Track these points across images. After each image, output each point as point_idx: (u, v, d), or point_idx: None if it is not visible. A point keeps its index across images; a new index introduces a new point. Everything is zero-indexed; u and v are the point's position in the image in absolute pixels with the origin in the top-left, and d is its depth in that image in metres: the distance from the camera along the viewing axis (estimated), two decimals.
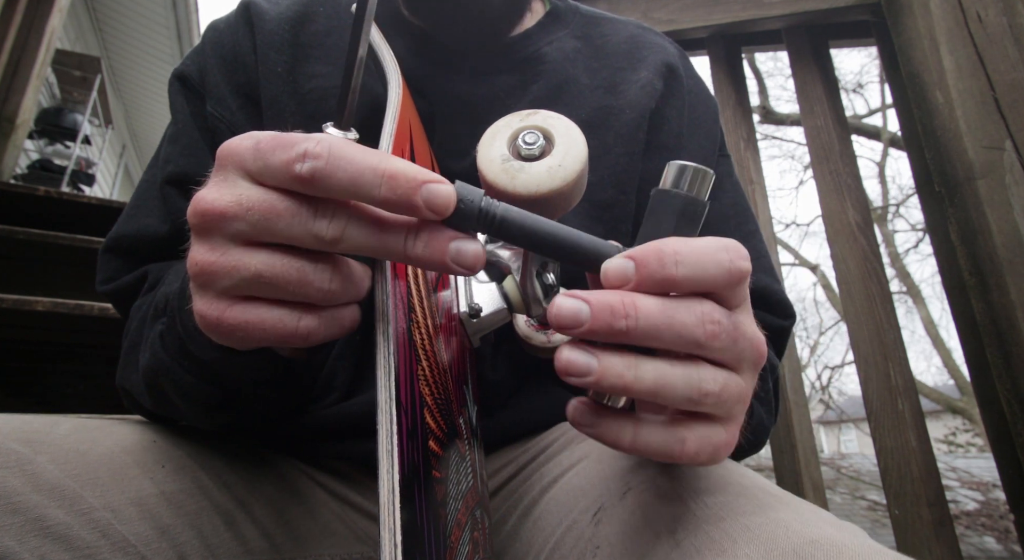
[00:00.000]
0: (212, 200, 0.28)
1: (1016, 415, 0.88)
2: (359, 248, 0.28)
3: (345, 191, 0.27)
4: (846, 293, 1.11)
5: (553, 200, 0.34)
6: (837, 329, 11.89)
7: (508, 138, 0.36)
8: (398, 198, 0.26)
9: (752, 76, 9.01)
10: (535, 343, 0.49)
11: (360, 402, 0.52)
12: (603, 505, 0.40)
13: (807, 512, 0.34)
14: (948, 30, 1.05)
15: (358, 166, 0.26)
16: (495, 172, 0.34)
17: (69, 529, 0.36)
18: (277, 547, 0.47)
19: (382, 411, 0.24)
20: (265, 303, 0.29)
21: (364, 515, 0.53)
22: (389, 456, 0.23)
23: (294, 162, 0.26)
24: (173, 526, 0.41)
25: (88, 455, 0.41)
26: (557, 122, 0.36)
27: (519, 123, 0.36)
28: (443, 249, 0.28)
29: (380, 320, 0.26)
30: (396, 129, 0.36)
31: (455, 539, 0.31)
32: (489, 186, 0.34)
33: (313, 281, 0.28)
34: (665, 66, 0.65)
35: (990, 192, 0.95)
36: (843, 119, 1.23)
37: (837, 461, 8.08)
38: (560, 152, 0.34)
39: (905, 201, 10.34)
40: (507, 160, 0.35)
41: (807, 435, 1.10)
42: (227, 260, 0.28)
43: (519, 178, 0.34)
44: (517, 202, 0.33)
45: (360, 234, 0.27)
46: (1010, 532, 5.27)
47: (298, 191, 0.27)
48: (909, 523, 0.96)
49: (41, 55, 2.39)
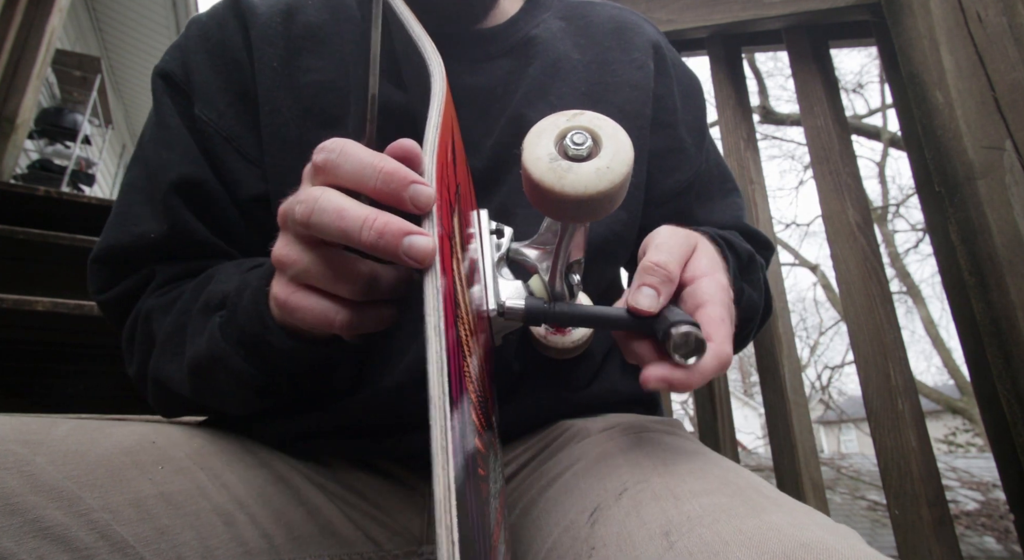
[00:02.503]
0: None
1: (1016, 415, 0.88)
2: (324, 231, 0.33)
3: (349, 179, 0.33)
4: (846, 293, 1.11)
5: (599, 202, 0.34)
6: (837, 329, 11.89)
7: (555, 137, 0.36)
8: (390, 191, 0.32)
9: (752, 76, 9.01)
10: (549, 343, 0.49)
11: (358, 401, 0.52)
12: (599, 505, 0.40)
13: (801, 515, 0.34)
14: (948, 30, 1.05)
15: (363, 161, 0.33)
16: (542, 171, 0.34)
17: (67, 530, 0.35)
18: (276, 548, 0.47)
19: (435, 406, 0.24)
20: (319, 294, 0.37)
21: (363, 515, 0.53)
22: (444, 452, 0.23)
23: (316, 152, 0.34)
24: (172, 527, 0.41)
25: (87, 456, 0.40)
26: (604, 123, 0.36)
27: (566, 123, 0.36)
28: (396, 243, 0.31)
29: (430, 314, 0.26)
30: (442, 121, 0.36)
31: (496, 538, 0.32)
32: (535, 185, 0.34)
33: (341, 279, 0.36)
34: (651, 45, 0.67)
35: (990, 192, 0.95)
36: (843, 119, 1.23)
37: (837, 461, 8.07)
38: (608, 154, 0.34)
39: (905, 201, 10.35)
40: (554, 159, 0.34)
41: (807, 435, 1.10)
42: (289, 254, 0.36)
43: (567, 178, 0.34)
44: (563, 202, 0.34)
45: (324, 219, 0.33)
46: (1010, 532, 5.26)
47: (317, 180, 0.35)
48: (909, 523, 0.96)
49: (41, 55, 2.39)
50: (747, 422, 14.34)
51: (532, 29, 0.64)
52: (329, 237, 0.33)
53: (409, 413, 0.52)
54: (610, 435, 0.52)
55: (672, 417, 0.64)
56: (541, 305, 0.40)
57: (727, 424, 1.19)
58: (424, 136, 0.34)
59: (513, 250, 0.46)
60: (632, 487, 0.40)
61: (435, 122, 0.35)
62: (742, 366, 14.49)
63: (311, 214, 0.33)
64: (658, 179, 0.65)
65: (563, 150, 0.35)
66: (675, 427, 0.57)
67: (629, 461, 0.45)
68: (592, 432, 0.53)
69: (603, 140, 0.35)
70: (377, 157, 0.33)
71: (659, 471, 0.41)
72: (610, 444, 0.49)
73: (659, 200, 0.65)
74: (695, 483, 0.39)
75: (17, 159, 2.46)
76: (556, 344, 0.49)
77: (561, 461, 0.51)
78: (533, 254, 0.46)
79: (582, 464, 0.48)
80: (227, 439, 0.53)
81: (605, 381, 0.59)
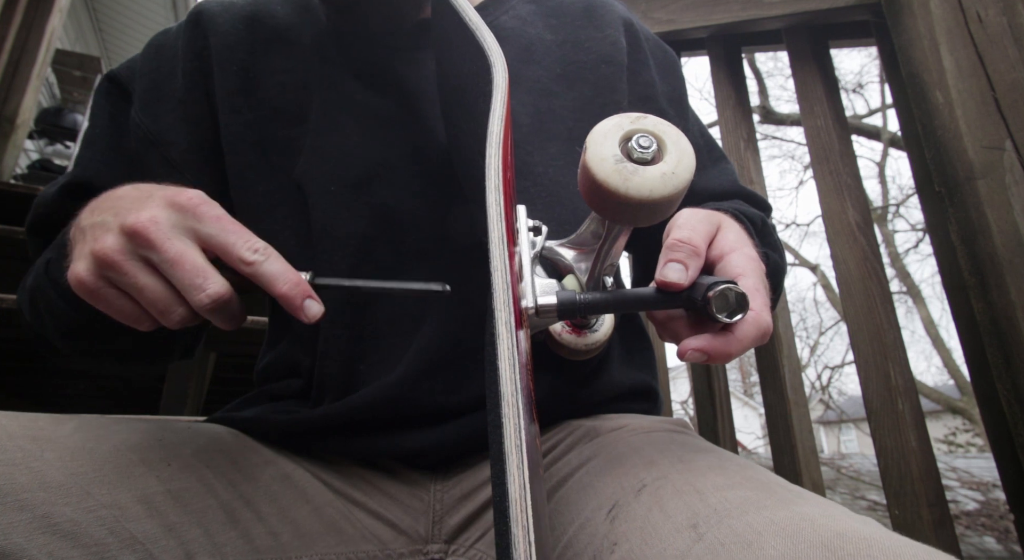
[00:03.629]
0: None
1: (1016, 415, 0.88)
2: (264, 273, 0.38)
3: (259, 281, 0.38)
4: (846, 293, 1.11)
5: (662, 206, 0.35)
6: (837, 329, 11.89)
7: (620, 139, 0.36)
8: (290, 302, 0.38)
9: (752, 76, 9.01)
10: (563, 342, 0.49)
11: (361, 397, 0.52)
12: (617, 502, 0.40)
13: (829, 506, 0.34)
14: (948, 30, 1.05)
15: (276, 270, 0.38)
16: (607, 172, 0.34)
17: (77, 526, 0.36)
18: (283, 545, 0.47)
19: (508, 404, 0.23)
20: (133, 301, 0.38)
21: (368, 513, 0.53)
22: (518, 451, 0.22)
23: (250, 248, 0.38)
24: (180, 524, 0.41)
25: (95, 453, 0.41)
26: (668, 128, 0.36)
27: (630, 125, 0.36)
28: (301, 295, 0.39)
29: (500, 309, 0.26)
30: (505, 112, 0.36)
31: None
32: (598, 185, 0.34)
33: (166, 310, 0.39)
34: (622, 21, 0.68)
35: (990, 192, 0.95)
36: (843, 119, 1.23)
37: (837, 461, 8.07)
38: (673, 159, 0.35)
39: (905, 201, 10.34)
40: (620, 161, 0.35)
41: (807, 435, 1.10)
42: (123, 262, 0.37)
43: (632, 181, 0.34)
44: (627, 205, 0.34)
45: (274, 267, 0.39)
46: (1010, 532, 5.26)
47: None
48: (909, 523, 0.96)
49: (41, 55, 2.39)
50: (747, 422, 14.33)
51: (500, 15, 0.65)
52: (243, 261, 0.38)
53: (411, 410, 0.52)
54: (620, 435, 0.52)
55: (680, 419, 0.64)
56: (573, 297, 0.39)
57: (727, 424, 1.19)
58: (488, 128, 0.34)
59: (547, 249, 0.46)
60: (651, 483, 0.40)
61: (499, 114, 0.35)
62: (742, 366, 14.49)
63: (258, 252, 0.38)
64: None
65: (628, 152, 0.35)
66: (684, 427, 0.57)
67: (644, 459, 0.44)
68: (601, 432, 0.53)
69: (667, 145, 0.35)
70: (282, 268, 0.39)
71: (677, 468, 0.41)
72: (621, 444, 0.49)
73: None
74: (716, 478, 0.38)
75: (17, 159, 2.46)
76: (569, 343, 0.49)
77: (571, 461, 0.51)
78: (569, 254, 0.45)
79: (595, 463, 0.48)
80: (233, 437, 0.53)
81: (604, 375, 0.59)
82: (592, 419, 0.57)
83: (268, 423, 0.54)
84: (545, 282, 0.43)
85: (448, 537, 0.53)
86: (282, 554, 0.46)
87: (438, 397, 0.53)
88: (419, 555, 0.53)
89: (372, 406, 0.52)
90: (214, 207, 0.39)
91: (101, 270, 0.37)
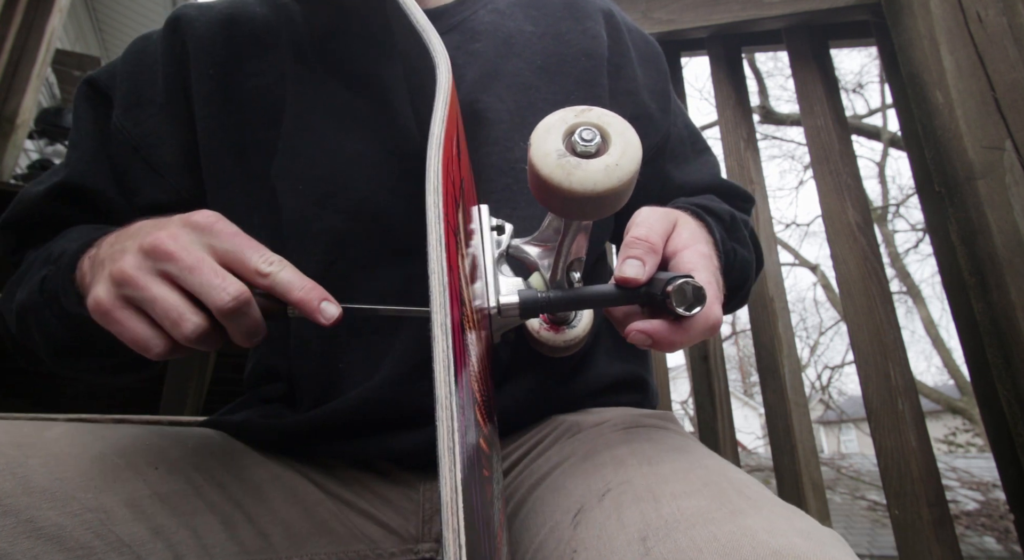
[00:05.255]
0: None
1: (1016, 415, 0.88)
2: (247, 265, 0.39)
3: (276, 290, 0.39)
4: (846, 293, 1.11)
5: (607, 199, 0.34)
6: (837, 329, 11.89)
7: (563, 133, 0.35)
8: (306, 309, 0.39)
9: (752, 76, 9.01)
10: (542, 339, 0.49)
11: (346, 401, 0.52)
12: (583, 506, 0.40)
13: (780, 519, 0.34)
14: (948, 30, 1.05)
15: (292, 278, 0.39)
16: (550, 167, 0.34)
17: (62, 530, 0.36)
18: (273, 546, 0.47)
19: (442, 407, 0.23)
20: (147, 320, 0.38)
21: (359, 513, 0.53)
22: (451, 454, 0.22)
23: (266, 261, 0.39)
24: (168, 526, 0.41)
25: (80, 458, 0.41)
26: (612, 120, 0.35)
27: (574, 118, 0.35)
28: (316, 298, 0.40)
29: (437, 311, 0.26)
30: (448, 114, 0.35)
31: (499, 541, 0.31)
32: (543, 181, 0.34)
33: (179, 322, 0.38)
34: (602, 13, 0.67)
35: (990, 192, 0.95)
36: (843, 119, 1.23)
37: (837, 461, 8.08)
38: (617, 151, 0.34)
39: (905, 201, 10.34)
40: (563, 156, 0.34)
41: (807, 435, 1.10)
42: (138, 277, 0.37)
43: (575, 175, 0.33)
44: (572, 200, 0.34)
45: (284, 275, 0.39)
46: (1010, 532, 5.26)
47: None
48: (909, 523, 0.96)
49: (41, 55, 2.39)
50: (747, 422, 14.33)
51: (479, 10, 0.64)
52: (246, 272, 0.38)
53: (398, 412, 0.52)
54: (600, 431, 0.52)
55: (669, 412, 0.63)
56: (535, 295, 0.40)
57: (727, 424, 1.19)
58: (430, 130, 0.34)
59: (513, 247, 0.46)
60: (615, 488, 0.40)
61: (440, 115, 0.34)
62: (742, 366, 14.49)
63: (274, 264, 0.38)
64: None
65: (571, 146, 0.35)
66: (667, 420, 0.57)
67: (615, 459, 0.45)
68: (584, 427, 0.53)
69: (612, 137, 0.35)
70: (301, 279, 0.39)
71: (643, 471, 0.41)
72: (599, 441, 0.49)
73: None
74: (677, 484, 0.39)
75: (17, 159, 2.46)
76: (549, 341, 0.49)
77: (551, 458, 0.51)
78: (534, 251, 0.45)
79: (570, 462, 0.48)
80: (223, 439, 0.53)
81: (591, 368, 0.59)
82: (577, 414, 0.57)
83: (256, 427, 0.54)
84: (511, 281, 0.43)
85: (439, 536, 0.53)
86: (272, 555, 0.46)
87: (425, 398, 0.53)
88: (410, 554, 0.53)
89: (358, 409, 0.52)
90: (229, 225, 0.39)
91: (118, 288, 0.37)
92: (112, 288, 0.38)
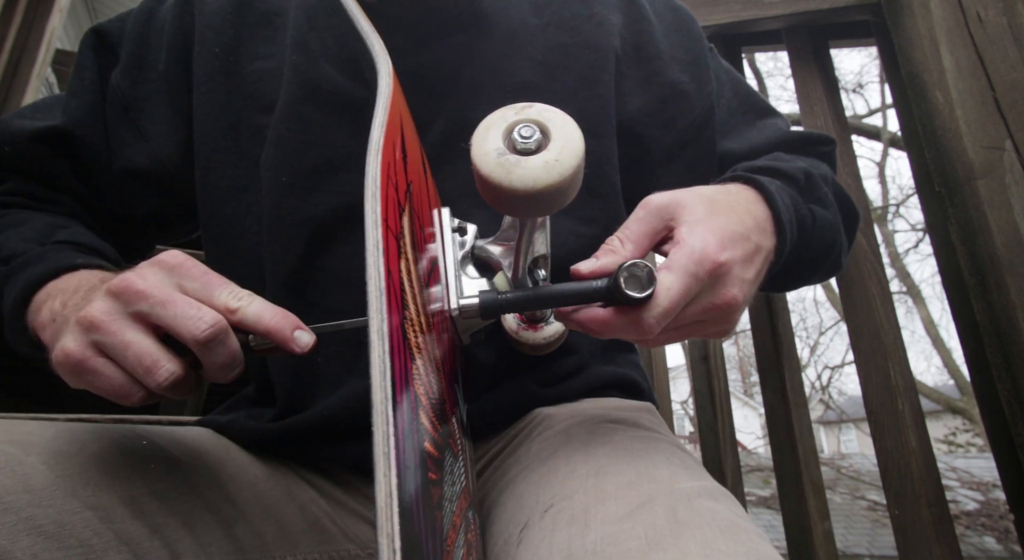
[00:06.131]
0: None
1: (1016, 415, 0.88)
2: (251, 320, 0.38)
3: (246, 323, 0.37)
4: (846, 293, 1.11)
5: (550, 195, 0.34)
6: (837, 329, 11.90)
7: (503, 131, 0.35)
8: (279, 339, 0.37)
9: (752, 76, 9.01)
10: (522, 339, 0.49)
11: (325, 407, 0.52)
12: (528, 521, 0.40)
13: (698, 549, 0.32)
14: (948, 30, 1.05)
15: (262, 310, 0.37)
16: (490, 167, 0.34)
17: (61, 528, 0.36)
18: (267, 545, 0.47)
19: (377, 412, 0.23)
20: (122, 369, 0.36)
21: (351, 513, 0.54)
22: (386, 459, 0.22)
23: (235, 296, 0.38)
24: (165, 524, 0.41)
25: (79, 456, 0.41)
26: (553, 115, 0.35)
27: (514, 116, 0.35)
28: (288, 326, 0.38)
29: (373, 317, 0.26)
30: (388, 119, 0.35)
31: (451, 543, 0.31)
32: (484, 180, 0.34)
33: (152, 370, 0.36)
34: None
35: (990, 192, 0.95)
36: (843, 119, 1.23)
37: (837, 461, 8.07)
38: (557, 146, 0.34)
39: (905, 201, 10.34)
40: (502, 154, 0.34)
41: (807, 435, 1.10)
42: (111, 323, 0.36)
43: (515, 173, 0.33)
44: (514, 198, 0.34)
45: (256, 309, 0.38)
46: (1010, 532, 5.26)
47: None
48: (909, 523, 0.96)
49: (41, 55, 2.39)
50: (747, 422, 14.33)
51: (485, 1, 0.60)
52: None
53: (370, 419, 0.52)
54: (567, 429, 0.50)
55: (649, 403, 0.61)
56: (494, 296, 0.40)
57: (727, 424, 1.19)
58: (369, 135, 0.33)
59: (477, 248, 0.46)
60: (558, 503, 0.40)
61: (380, 120, 0.34)
62: (742, 366, 14.48)
63: (243, 299, 0.37)
64: (658, 137, 0.62)
65: (511, 144, 0.35)
66: (641, 414, 0.55)
67: (568, 467, 0.44)
68: (556, 423, 0.52)
69: (552, 132, 0.34)
70: (272, 310, 0.38)
71: (588, 485, 0.41)
72: (561, 446, 0.48)
73: (666, 157, 0.62)
74: (613, 503, 0.38)
75: None
76: (528, 340, 0.49)
77: (520, 459, 0.50)
78: (497, 251, 0.45)
79: (532, 468, 0.47)
80: (217, 439, 0.53)
81: (580, 371, 0.58)
82: (555, 407, 0.55)
83: (242, 429, 0.54)
84: (475, 282, 0.43)
85: None
86: (267, 553, 0.47)
87: None
88: None
89: (337, 416, 0.51)
90: (197, 264, 0.39)
91: (87, 335, 0.36)
92: (80, 336, 0.36)
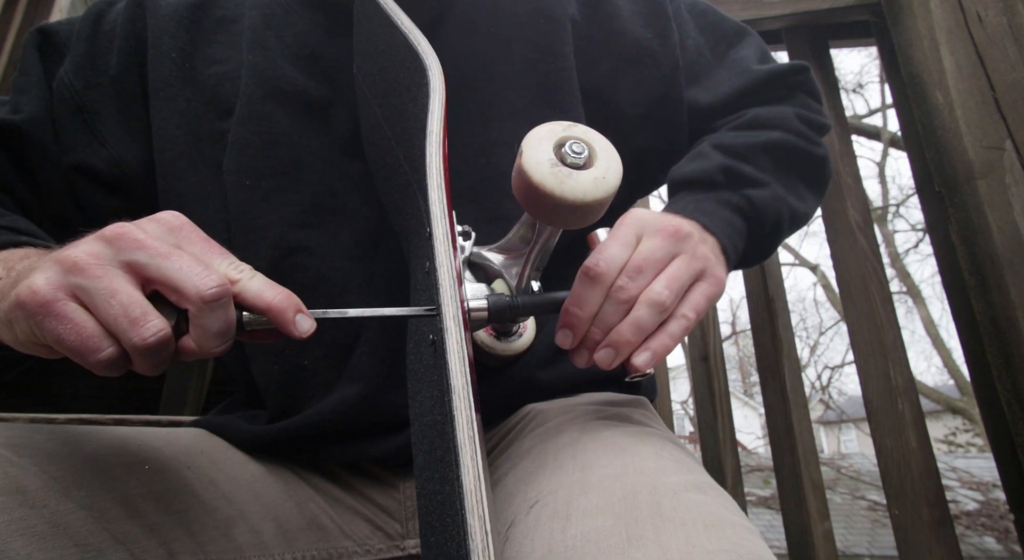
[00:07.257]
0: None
1: (1016, 415, 0.88)
2: None
3: (245, 296, 0.34)
4: (846, 293, 1.11)
5: (592, 209, 0.37)
6: (837, 329, 11.90)
7: (554, 144, 0.38)
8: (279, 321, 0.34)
9: None
10: (491, 350, 0.49)
11: (322, 411, 0.52)
12: (515, 519, 0.40)
13: (679, 547, 0.32)
14: (948, 30, 1.05)
15: (263, 285, 0.34)
16: (543, 174, 0.36)
17: (55, 529, 0.35)
18: (265, 543, 0.47)
19: (460, 397, 0.24)
20: (96, 319, 0.31)
21: (348, 510, 0.54)
22: (471, 443, 0.23)
23: (236, 268, 0.35)
24: (161, 524, 0.41)
25: (73, 458, 0.40)
26: (597, 137, 0.39)
27: (563, 132, 0.39)
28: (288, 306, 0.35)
29: (448, 304, 0.27)
30: (443, 114, 0.37)
31: None
32: (535, 187, 0.36)
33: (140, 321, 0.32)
34: None
35: (990, 192, 0.95)
36: (843, 119, 1.23)
37: (837, 461, 8.07)
38: (603, 165, 0.37)
39: (905, 201, 10.35)
40: (555, 165, 0.37)
41: (807, 435, 1.10)
42: (96, 266, 0.32)
43: (567, 184, 0.36)
44: (561, 207, 0.36)
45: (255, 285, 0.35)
46: (1010, 532, 5.26)
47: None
48: (909, 523, 0.96)
49: None
50: (747, 422, 14.32)
51: None
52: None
53: (372, 421, 0.52)
54: (558, 426, 0.50)
55: (643, 397, 0.60)
56: (505, 300, 0.41)
57: (727, 424, 1.19)
58: (428, 128, 0.36)
59: (475, 254, 0.46)
60: (542, 498, 0.39)
61: (438, 116, 0.36)
62: (742, 366, 14.49)
63: (244, 272, 0.34)
64: (627, 97, 0.61)
65: (562, 157, 0.37)
66: (634, 408, 0.55)
67: (556, 462, 0.43)
68: (548, 419, 0.52)
69: (597, 151, 0.38)
70: (272, 289, 0.35)
71: (573, 479, 0.40)
72: (553, 442, 0.47)
73: (639, 116, 0.61)
74: (595, 496, 0.37)
75: None
76: (501, 350, 0.50)
77: (511, 456, 0.50)
78: (498, 259, 0.46)
79: (523, 464, 0.47)
80: (213, 439, 0.53)
81: (568, 365, 0.56)
82: (548, 402, 0.55)
83: (237, 430, 0.54)
84: (475, 287, 0.44)
85: None
86: (264, 551, 0.46)
87: (400, 411, 0.52)
88: (396, 550, 0.53)
89: (332, 420, 0.51)
90: (198, 230, 0.36)
91: (66, 276, 0.31)
92: (57, 276, 0.31)
